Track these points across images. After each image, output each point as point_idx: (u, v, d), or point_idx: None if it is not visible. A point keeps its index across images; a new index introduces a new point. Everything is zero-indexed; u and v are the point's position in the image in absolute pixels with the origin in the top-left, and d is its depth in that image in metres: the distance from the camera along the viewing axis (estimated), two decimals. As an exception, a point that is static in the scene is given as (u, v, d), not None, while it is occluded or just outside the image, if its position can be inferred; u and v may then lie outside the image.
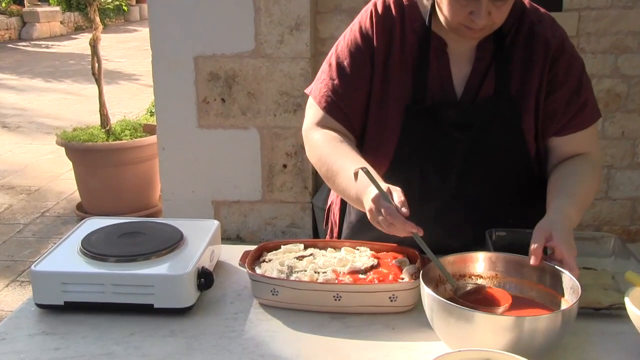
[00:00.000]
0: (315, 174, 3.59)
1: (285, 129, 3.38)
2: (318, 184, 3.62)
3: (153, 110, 4.35)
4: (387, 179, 1.36)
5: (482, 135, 1.39)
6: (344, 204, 1.63)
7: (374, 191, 1.19)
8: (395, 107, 1.41)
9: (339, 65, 1.44)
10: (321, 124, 1.45)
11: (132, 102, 7.71)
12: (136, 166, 4.14)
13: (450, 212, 1.44)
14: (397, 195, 1.18)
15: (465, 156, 1.40)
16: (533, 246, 1.17)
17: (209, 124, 3.45)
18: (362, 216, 1.54)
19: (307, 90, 1.52)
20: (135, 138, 4.18)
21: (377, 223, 1.19)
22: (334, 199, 1.69)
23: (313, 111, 1.47)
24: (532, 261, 1.16)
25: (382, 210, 1.17)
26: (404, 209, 1.15)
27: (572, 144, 1.43)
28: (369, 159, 1.35)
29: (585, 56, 3.22)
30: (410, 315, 1.23)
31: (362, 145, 1.46)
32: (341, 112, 1.44)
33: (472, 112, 1.39)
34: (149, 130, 4.32)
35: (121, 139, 4.17)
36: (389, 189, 1.19)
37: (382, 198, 1.17)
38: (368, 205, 1.20)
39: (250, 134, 3.44)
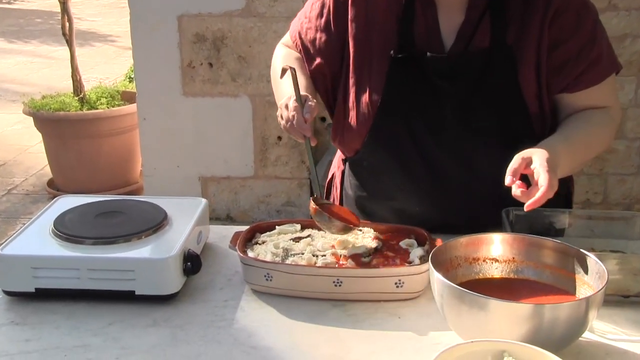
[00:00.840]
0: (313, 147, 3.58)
1: (280, 97, 3.37)
2: (317, 158, 3.61)
3: (132, 76, 4.33)
4: (373, 135, 1.45)
5: (473, 88, 1.41)
6: (343, 177, 1.65)
7: (292, 94, 1.36)
8: (379, 57, 1.45)
9: (313, 7, 1.55)
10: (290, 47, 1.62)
11: (108, 67, 7.67)
12: (114, 138, 4.14)
13: (445, 178, 1.46)
14: (309, 102, 1.35)
15: (455, 111, 1.42)
16: (510, 167, 1.21)
17: (195, 92, 3.44)
18: (362, 191, 1.56)
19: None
20: (113, 107, 4.17)
21: (280, 118, 1.37)
22: (335, 170, 1.70)
23: (288, 37, 1.63)
24: (506, 181, 1.20)
25: (290, 105, 1.33)
26: (307, 115, 1.32)
27: (587, 100, 1.45)
28: (352, 110, 1.45)
29: (617, 14, 3.19)
30: (418, 303, 1.24)
31: (346, 96, 1.50)
32: (309, 52, 1.54)
33: (462, 62, 1.41)
34: (127, 98, 4.30)
35: (97, 108, 4.16)
36: (307, 95, 1.36)
37: (296, 99, 1.34)
38: (281, 101, 1.38)
39: (241, 102, 3.43)
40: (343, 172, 1.66)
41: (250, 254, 1.30)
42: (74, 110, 4.12)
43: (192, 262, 1.27)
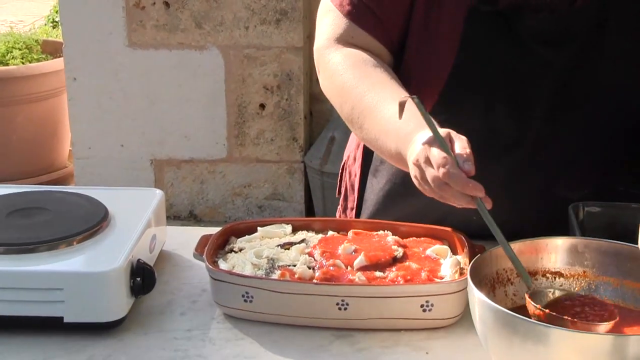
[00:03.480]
0: (308, 118, 3.58)
1: (264, 50, 3.36)
2: (313, 134, 3.62)
3: (57, 19, 4.32)
4: (435, 114, 1.33)
5: (583, 57, 1.41)
6: (367, 159, 1.63)
7: (425, 135, 1.21)
8: (452, 10, 1.42)
9: None
10: (344, 39, 1.47)
11: (22, 6, 7.63)
12: (32, 106, 4.13)
13: (526, 175, 1.47)
14: (461, 144, 1.20)
15: (555, 89, 1.42)
16: None
17: (146, 42, 3.43)
18: (397, 177, 1.55)
19: None
20: (30, 62, 4.15)
21: (424, 182, 1.21)
22: (351, 151, 1.70)
23: (331, 20, 1.49)
24: None
25: (435, 161, 1.18)
26: (467, 165, 1.18)
27: None
28: (412, 81, 1.39)
29: None
30: (452, 333, 1.24)
31: (399, 68, 1.48)
32: (373, 17, 1.45)
33: (569, 20, 1.40)
34: (51, 50, 4.28)
35: (7, 64, 4.14)
36: (449, 134, 1.22)
37: (438, 144, 1.19)
38: (414, 154, 1.22)
39: (209, 57, 3.43)
40: (364, 154, 1.65)
41: (223, 265, 1.30)
42: (-24, 67, 4.11)
43: (142, 278, 1.28)
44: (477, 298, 1.09)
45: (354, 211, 1.68)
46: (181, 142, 3.53)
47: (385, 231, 1.40)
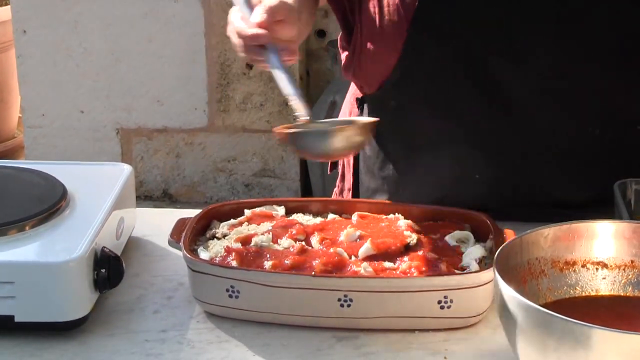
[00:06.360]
0: (305, 79, 3.58)
1: (251, -4, 3.36)
2: (311, 98, 3.62)
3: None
4: (406, 56, 1.47)
5: None
6: None
7: None
8: None
9: None
10: None
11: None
12: (-27, 65, 4.13)
13: (528, 129, 1.49)
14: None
15: (553, 24, 1.44)
16: None
17: (109, -14, 3.42)
18: (386, 147, 1.58)
19: None
20: (-30, 12, 4.15)
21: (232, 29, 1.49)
22: (345, 118, 1.71)
23: None
24: None
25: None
26: (261, 16, 1.40)
27: None
28: (374, 18, 1.46)
29: None
30: (475, 334, 1.25)
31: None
32: None
33: None
34: (-5, -3, 4.28)
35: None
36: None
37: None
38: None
39: (185, 4, 3.42)
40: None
41: (204, 254, 1.31)
42: None
43: (108, 269, 1.28)
44: (505, 293, 1.09)
45: (351, 193, 1.69)
46: (153, 108, 3.53)
47: (397, 214, 1.40)
